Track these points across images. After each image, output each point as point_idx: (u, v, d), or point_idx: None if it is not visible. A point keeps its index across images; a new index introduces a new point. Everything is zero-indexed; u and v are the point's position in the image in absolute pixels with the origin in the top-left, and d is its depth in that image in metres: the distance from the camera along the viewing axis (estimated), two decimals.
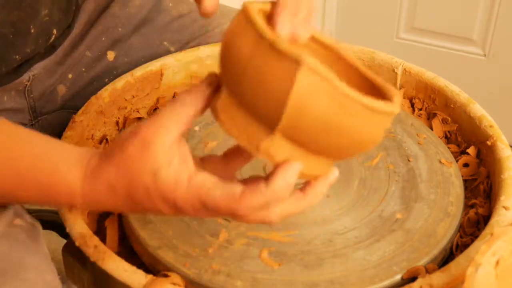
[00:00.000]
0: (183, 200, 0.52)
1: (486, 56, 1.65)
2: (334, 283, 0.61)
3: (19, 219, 0.65)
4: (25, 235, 0.64)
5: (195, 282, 0.62)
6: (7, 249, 0.61)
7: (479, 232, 0.69)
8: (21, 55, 0.74)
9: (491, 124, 0.77)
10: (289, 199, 0.53)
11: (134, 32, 0.91)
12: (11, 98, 0.80)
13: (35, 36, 0.73)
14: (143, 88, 0.87)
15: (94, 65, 0.89)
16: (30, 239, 0.64)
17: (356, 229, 0.67)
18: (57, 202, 0.58)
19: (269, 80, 0.47)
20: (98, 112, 0.81)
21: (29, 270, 0.59)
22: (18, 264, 0.60)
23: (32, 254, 0.62)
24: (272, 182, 0.50)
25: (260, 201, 0.50)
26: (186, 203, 0.52)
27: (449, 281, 0.59)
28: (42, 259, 0.63)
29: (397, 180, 0.74)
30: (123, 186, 0.53)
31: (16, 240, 0.62)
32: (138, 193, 0.53)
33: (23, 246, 0.62)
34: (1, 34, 0.69)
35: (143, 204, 0.54)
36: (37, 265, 0.61)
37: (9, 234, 0.63)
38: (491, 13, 1.60)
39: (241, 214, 0.51)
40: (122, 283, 0.61)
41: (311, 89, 0.46)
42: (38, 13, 0.72)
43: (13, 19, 0.69)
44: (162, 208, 0.53)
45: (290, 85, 0.46)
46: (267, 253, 0.64)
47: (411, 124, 0.82)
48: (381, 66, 0.89)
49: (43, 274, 0.61)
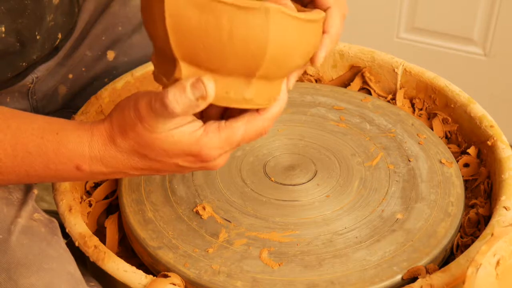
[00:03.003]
0: (208, 149, 0.54)
1: (486, 56, 1.65)
2: (334, 283, 0.61)
3: (38, 213, 0.66)
4: (45, 228, 0.65)
5: (195, 282, 0.62)
6: (29, 242, 0.62)
7: (480, 232, 0.69)
8: (27, 61, 0.74)
9: (492, 124, 0.77)
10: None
11: (134, 32, 0.91)
12: (15, 99, 0.81)
13: (41, 42, 0.73)
14: (143, 88, 0.87)
15: (94, 64, 0.89)
16: (50, 233, 0.65)
17: (356, 229, 0.67)
18: (64, 166, 0.58)
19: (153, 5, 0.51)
20: (98, 112, 0.81)
21: (52, 261, 0.61)
22: (41, 256, 0.61)
23: (53, 247, 0.63)
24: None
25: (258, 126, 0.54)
26: (210, 150, 0.54)
27: (449, 281, 0.59)
28: (63, 251, 0.64)
29: (398, 180, 0.73)
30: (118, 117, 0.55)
31: (37, 234, 0.64)
32: (153, 162, 0.55)
33: (45, 239, 0.64)
34: (7, 43, 0.69)
35: (158, 167, 0.56)
36: (59, 257, 0.62)
37: (31, 227, 0.64)
38: (491, 13, 1.59)
39: (263, 133, 0.55)
40: (122, 283, 0.61)
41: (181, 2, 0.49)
42: (43, 20, 0.71)
43: (18, 27, 0.68)
44: (183, 163, 0.55)
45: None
46: (267, 253, 0.64)
47: (411, 124, 0.82)
48: (381, 66, 0.89)
49: (65, 264, 0.62)
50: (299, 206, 0.70)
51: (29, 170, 0.57)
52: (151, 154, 0.55)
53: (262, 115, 0.55)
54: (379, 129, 0.81)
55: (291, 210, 0.69)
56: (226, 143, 0.55)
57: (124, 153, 0.55)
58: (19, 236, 0.62)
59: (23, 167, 0.57)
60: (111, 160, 0.56)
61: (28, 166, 0.57)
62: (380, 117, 0.83)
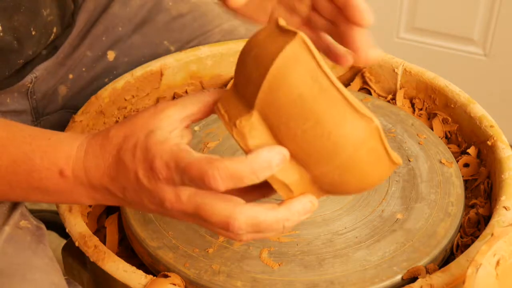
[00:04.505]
0: (160, 156, 0.49)
1: (486, 56, 1.65)
2: (334, 284, 0.61)
3: (25, 221, 0.65)
4: (31, 237, 0.64)
5: (195, 282, 0.62)
6: (13, 251, 0.61)
7: (480, 232, 0.69)
8: (24, 58, 0.73)
9: (492, 124, 0.77)
10: (259, 208, 0.49)
11: (134, 32, 0.91)
12: (14, 99, 0.81)
13: (37, 38, 0.73)
14: (143, 88, 0.87)
15: (95, 65, 0.89)
16: (36, 241, 0.64)
17: (356, 229, 0.67)
18: (47, 173, 0.55)
19: (262, 54, 0.47)
20: (98, 112, 0.81)
21: (35, 272, 0.60)
22: (25, 266, 0.60)
23: (38, 256, 0.62)
24: (252, 154, 0.48)
25: (235, 168, 0.47)
26: (161, 158, 0.49)
27: (449, 281, 0.59)
28: (48, 260, 0.63)
29: (398, 180, 0.73)
30: (117, 143, 0.52)
31: (22, 242, 0.63)
32: (126, 152, 0.52)
33: (29, 248, 0.62)
34: (5, 41, 0.68)
35: (125, 169, 0.52)
36: (44, 267, 0.61)
37: (16, 236, 0.63)
38: (491, 13, 1.59)
39: (210, 181, 0.47)
40: (122, 283, 0.61)
41: (294, 60, 0.45)
42: (38, 15, 0.71)
43: (15, 24, 0.68)
44: (139, 171, 0.51)
45: (276, 53, 0.45)
46: (267, 253, 0.64)
47: (411, 124, 0.82)
48: (381, 66, 0.89)
49: (50, 275, 0.61)
50: None
51: (12, 180, 0.56)
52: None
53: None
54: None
55: None
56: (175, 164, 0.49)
57: (106, 159, 0.53)
58: (3, 245, 0.61)
59: (6, 178, 0.55)
60: (92, 164, 0.54)
61: (12, 174, 0.55)
62: (380, 117, 0.83)
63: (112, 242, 0.71)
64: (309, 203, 0.50)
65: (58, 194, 0.56)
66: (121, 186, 0.53)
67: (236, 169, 0.47)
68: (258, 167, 0.47)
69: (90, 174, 0.54)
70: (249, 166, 0.47)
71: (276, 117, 0.47)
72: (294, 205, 0.50)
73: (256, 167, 0.47)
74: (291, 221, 0.50)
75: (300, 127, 0.47)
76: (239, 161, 0.47)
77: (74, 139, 0.55)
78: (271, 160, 0.47)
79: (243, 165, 0.47)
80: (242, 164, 0.47)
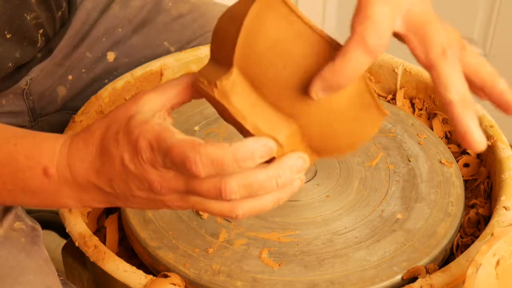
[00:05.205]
0: (143, 136, 0.49)
1: (487, 56, 1.65)
2: (334, 283, 0.61)
3: (20, 222, 0.65)
4: (25, 238, 0.64)
5: (195, 282, 0.62)
6: (6, 253, 0.60)
7: (480, 232, 0.69)
8: (13, 61, 0.72)
9: (492, 124, 0.77)
10: (248, 169, 0.48)
11: (134, 33, 0.91)
12: (10, 101, 0.80)
13: (16, 40, 0.71)
14: (143, 88, 0.87)
15: (94, 66, 0.88)
16: (30, 242, 0.64)
17: (356, 229, 0.67)
18: (32, 172, 0.54)
19: (236, 12, 0.47)
20: (98, 112, 0.81)
21: (28, 274, 0.59)
22: (18, 268, 0.59)
23: (32, 258, 0.62)
24: (237, 143, 0.47)
25: (218, 155, 0.46)
26: (145, 138, 0.49)
27: (449, 281, 0.59)
28: (42, 262, 0.63)
29: (398, 180, 0.73)
30: (99, 133, 0.52)
31: (16, 244, 0.62)
32: (109, 139, 0.51)
33: (23, 250, 0.62)
34: None
35: (110, 157, 0.51)
36: (37, 268, 0.61)
37: (9, 238, 0.63)
38: (491, 13, 1.60)
39: (192, 166, 0.46)
40: (122, 283, 0.61)
41: (267, 8, 0.46)
42: (16, 18, 0.69)
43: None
44: (125, 156, 0.50)
45: (249, 7, 0.46)
46: (267, 253, 0.64)
47: (411, 124, 0.82)
48: (381, 66, 0.89)
49: (43, 277, 0.61)
50: (299, 206, 0.70)
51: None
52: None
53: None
54: (379, 129, 0.81)
55: (291, 210, 0.69)
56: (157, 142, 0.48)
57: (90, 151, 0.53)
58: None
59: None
60: (77, 159, 0.53)
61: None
62: None
63: (112, 242, 0.71)
64: (300, 159, 0.50)
65: (43, 194, 0.55)
66: (107, 178, 0.52)
67: (218, 156, 0.46)
68: (241, 156, 0.47)
69: (75, 170, 0.53)
70: (231, 154, 0.46)
71: (256, 68, 0.47)
72: (284, 160, 0.49)
73: (239, 156, 0.46)
74: (284, 178, 0.49)
75: (280, 73, 0.46)
76: (222, 148, 0.46)
77: (59, 137, 0.55)
78: (254, 152, 0.47)
79: (225, 153, 0.46)
80: (225, 151, 0.46)
